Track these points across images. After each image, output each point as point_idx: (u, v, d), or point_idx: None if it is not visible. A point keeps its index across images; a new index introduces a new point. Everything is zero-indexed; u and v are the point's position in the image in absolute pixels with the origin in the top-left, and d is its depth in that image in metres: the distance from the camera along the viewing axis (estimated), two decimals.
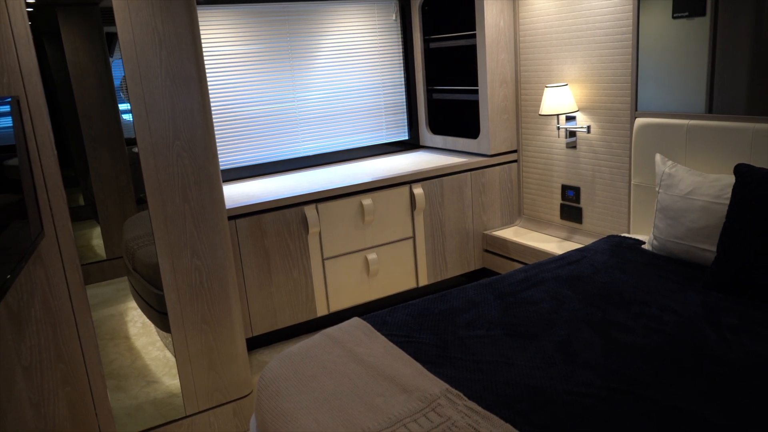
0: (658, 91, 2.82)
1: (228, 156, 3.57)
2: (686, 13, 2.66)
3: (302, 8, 3.64)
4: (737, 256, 2.10)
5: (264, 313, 3.09)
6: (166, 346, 2.75)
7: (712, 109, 2.63)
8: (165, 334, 2.64)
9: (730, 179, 2.34)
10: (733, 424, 1.44)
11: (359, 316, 2.19)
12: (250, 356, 3.11)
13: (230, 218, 2.91)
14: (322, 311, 3.25)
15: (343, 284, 3.29)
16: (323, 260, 3.20)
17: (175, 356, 2.47)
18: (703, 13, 2.60)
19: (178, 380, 2.49)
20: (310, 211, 3.09)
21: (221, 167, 3.52)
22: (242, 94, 3.54)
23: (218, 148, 3.51)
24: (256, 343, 3.20)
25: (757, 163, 2.39)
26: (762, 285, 2.03)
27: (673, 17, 2.71)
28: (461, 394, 1.63)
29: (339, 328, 2.08)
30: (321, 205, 3.14)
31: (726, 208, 2.28)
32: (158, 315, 2.52)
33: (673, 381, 1.64)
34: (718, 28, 2.57)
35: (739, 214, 2.13)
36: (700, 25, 2.62)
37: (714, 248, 2.30)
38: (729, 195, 2.29)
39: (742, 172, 2.19)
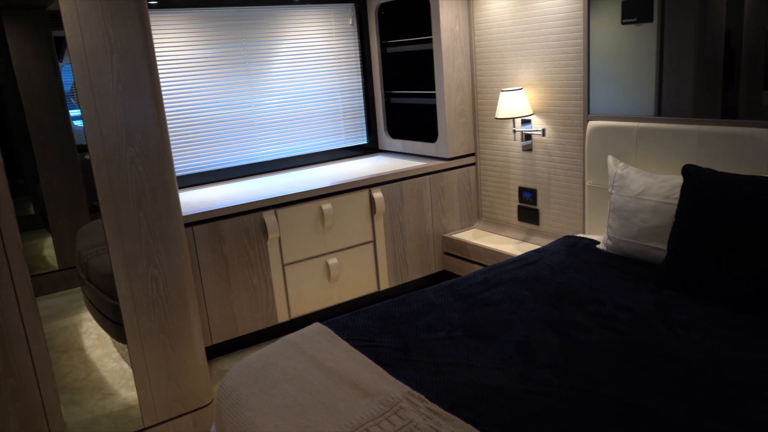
0: (609, 94, 2.90)
1: (184, 162, 3.51)
2: (635, 19, 2.74)
3: (257, 12, 3.61)
4: (686, 255, 2.17)
5: (223, 321, 3.05)
6: (123, 358, 2.69)
7: (660, 112, 2.72)
8: (121, 345, 2.58)
9: (679, 179, 2.42)
10: (687, 419, 1.49)
11: (320, 321, 2.18)
12: (210, 365, 3.06)
13: (187, 225, 2.86)
14: (282, 317, 3.22)
15: (304, 290, 3.27)
16: (283, 266, 3.17)
17: (132, 367, 2.41)
18: (650, 19, 2.69)
19: (135, 392, 2.44)
20: (269, 216, 3.06)
21: (177, 173, 3.47)
22: (198, 99, 3.49)
23: (174, 154, 3.45)
24: (215, 352, 3.15)
25: (703, 163, 2.48)
26: (709, 282, 2.10)
27: (623, 23, 2.79)
28: (423, 397, 1.63)
29: (300, 334, 2.07)
30: (280, 211, 3.11)
31: (675, 207, 2.35)
32: (114, 325, 2.46)
33: (629, 378, 1.68)
34: (665, 34, 2.66)
35: (687, 214, 2.20)
36: (648, 31, 2.70)
37: (665, 247, 2.37)
38: (678, 195, 2.37)
39: (689, 172, 2.27)
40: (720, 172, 2.21)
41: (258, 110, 3.69)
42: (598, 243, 2.76)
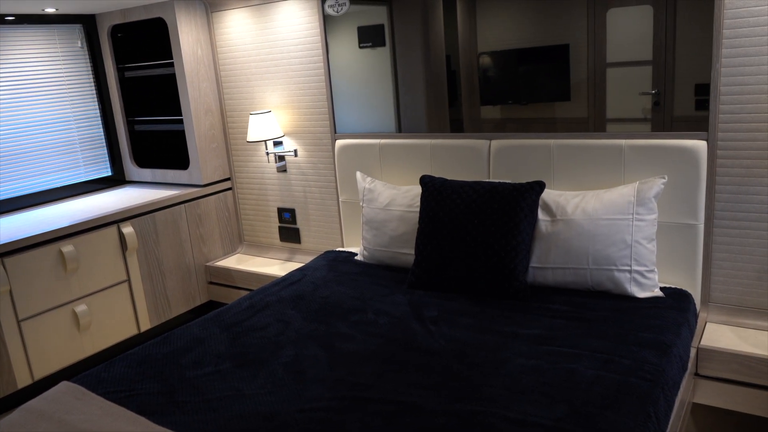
0: (354, 114, 3.08)
1: None
2: (370, 44, 2.96)
3: None
4: (430, 257, 2.39)
5: None
6: None
7: (401, 128, 2.97)
8: None
9: (419, 189, 2.66)
10: (443, 405, 1.63)
11: (70, 378, 1.94)
12: None
13: None
14: (24, 382, 2.80)
15: (49, 345, 2.88)
16: (18, 322, 2.76)
17: None
18: (383, 44, 2.92)
19: None
20: None
21: None
22: None
23: None
24: None
25: (436, 173, 2.76)
26: (451, 278, 2.34)
27: (360, 47, 2.99)
28: None
29: (43, 398, 1.81)
30: (8, 260, 2.71)
31: (417, 215, 2.58)
32: None
33: (391, 378, 1.79)
34: (398, 58, 2.91)
35: (427, 220, 2.43)
36: (383, 55, 2.93)
37: (413, 252, 2.58)
38: (419, 203, 2.60)
39: (425, 182, 2.51)
40: (450, 180, 2.48)
41: None
42: (357, 255, 2.90)
